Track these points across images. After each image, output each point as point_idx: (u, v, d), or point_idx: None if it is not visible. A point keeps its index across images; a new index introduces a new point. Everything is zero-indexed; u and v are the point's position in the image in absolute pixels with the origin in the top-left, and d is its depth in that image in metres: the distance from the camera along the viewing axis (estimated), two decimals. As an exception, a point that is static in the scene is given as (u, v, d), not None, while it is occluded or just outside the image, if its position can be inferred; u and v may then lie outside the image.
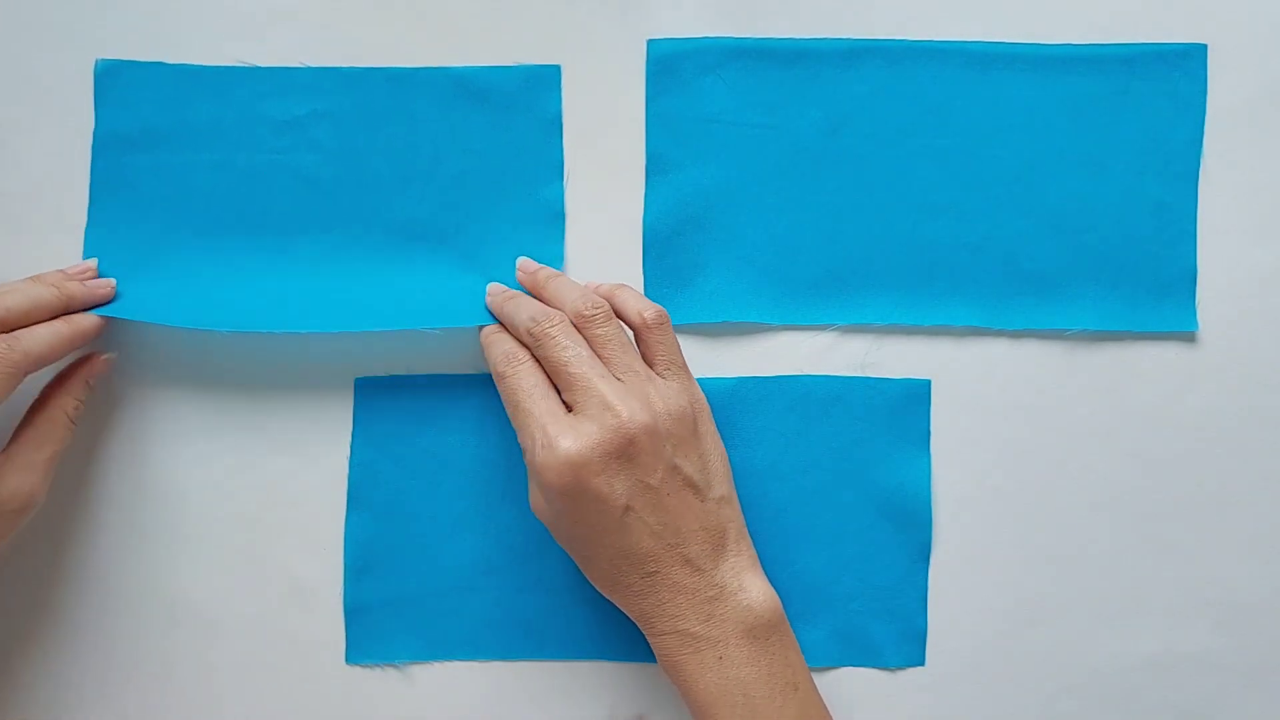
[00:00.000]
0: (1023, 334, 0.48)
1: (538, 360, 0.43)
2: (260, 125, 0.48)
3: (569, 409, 0.41)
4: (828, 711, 0.43)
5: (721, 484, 0.43)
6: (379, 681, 0.48)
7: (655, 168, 0.48)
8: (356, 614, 0.48)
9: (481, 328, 0.45)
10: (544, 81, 0.48)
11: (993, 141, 0.47)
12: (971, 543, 0.47)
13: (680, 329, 0.48)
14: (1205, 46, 0.47)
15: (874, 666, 0.47)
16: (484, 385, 0.48)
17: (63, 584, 0.49)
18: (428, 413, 0.48)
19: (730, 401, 0.48)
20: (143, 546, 0.48)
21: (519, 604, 0.47)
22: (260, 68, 0.48)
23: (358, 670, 0.48)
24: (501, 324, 0.45)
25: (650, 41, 0.48)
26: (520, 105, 0.48)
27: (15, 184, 0.49)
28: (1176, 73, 0.47)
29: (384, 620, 0.47)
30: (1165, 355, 0.47)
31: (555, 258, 0.48)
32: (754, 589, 0.42)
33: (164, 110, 0.48)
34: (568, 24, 0.48)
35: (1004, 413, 0.48)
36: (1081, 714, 0.47)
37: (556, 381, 0.42)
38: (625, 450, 0.40)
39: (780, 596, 0.47)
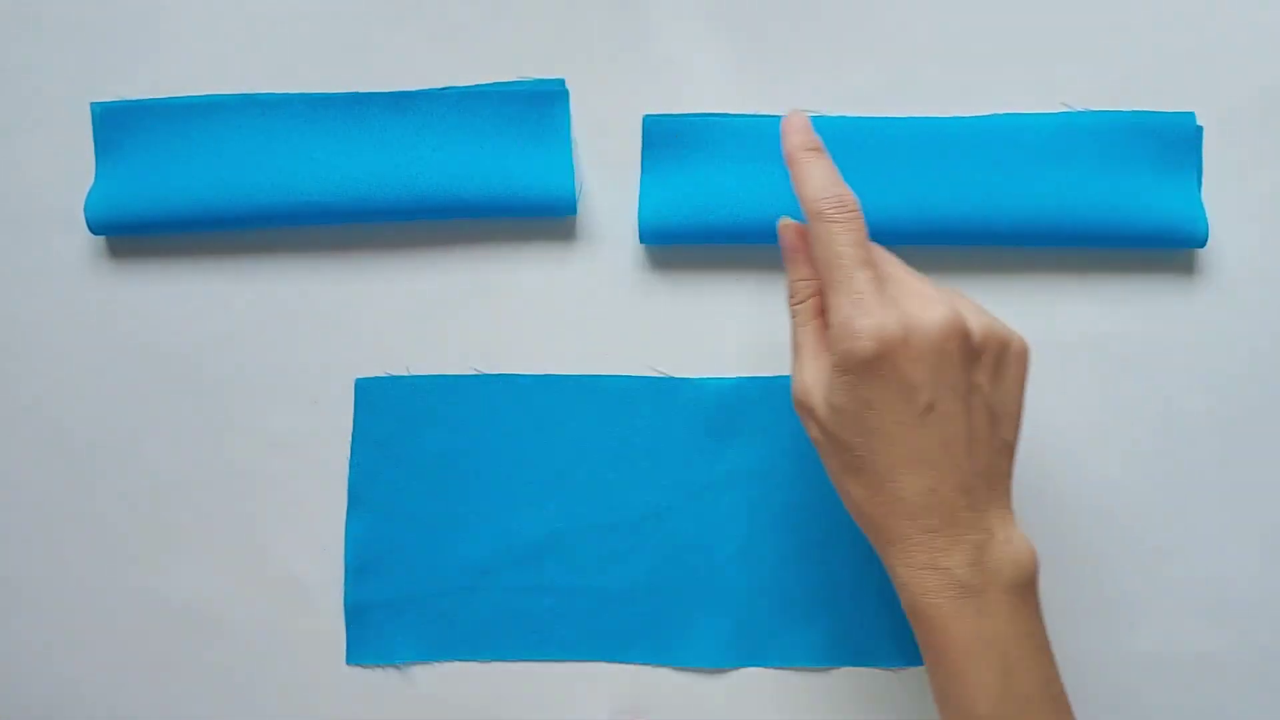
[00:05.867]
0: (1022, 333, 0.48)
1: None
2: (262, 153, 0.47)
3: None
4: (1061, 680, 0.39)
5: (1010, 429, 0.39)
6: (379, 682, 0.48)
7: (650, 166, 0.48)
8: (356, 614, 0.48)
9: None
10: (551, 99, 0.48)
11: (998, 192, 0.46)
12: (971, 543, 0.47)
13: (680, 329, 0.48)
14: (1193, 115, 0.46)
15: (874, 666, 0.47)
16: (484, 385, 0.48)
17: (63, 584, 0.49)
18: (428, 413, 0.48)
19: (730, 401, 0.48)
20: (143, 546, 0.49)
21: (519, 604, 0.47)
22: (260, 95, 0.48)
23: (358, 670, 0.48)
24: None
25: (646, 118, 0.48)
26: (528, 125, 0.48)
27: (16, 184, 0.49)
28: (1169, 135, 0.46)
29: (384, 620, 0.48)
30: (1165, 355, 0.47)
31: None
32: (1019, 541, 0.38)
33: (163, 145, 0.48)
34: (568, 29, 0.48)
35: (1003, 413, 0.48)
36: (1081, 714, 0.47)
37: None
38: (946, 345, 0.36)
39: (780, 596, 0.47)
